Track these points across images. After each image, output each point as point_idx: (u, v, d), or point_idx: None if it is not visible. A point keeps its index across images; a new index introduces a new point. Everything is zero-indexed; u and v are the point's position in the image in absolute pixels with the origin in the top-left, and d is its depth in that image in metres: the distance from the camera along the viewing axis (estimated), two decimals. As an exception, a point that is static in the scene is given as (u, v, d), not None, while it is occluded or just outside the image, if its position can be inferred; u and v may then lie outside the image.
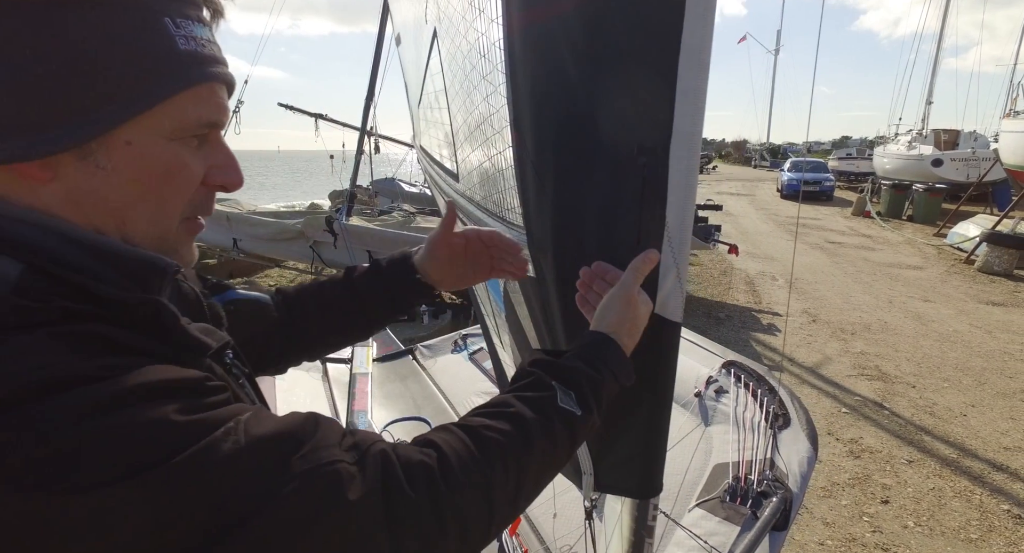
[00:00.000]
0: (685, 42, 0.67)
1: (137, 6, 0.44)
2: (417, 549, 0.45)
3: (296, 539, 0.40)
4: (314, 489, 0.41)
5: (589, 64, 0.75)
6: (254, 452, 0.40)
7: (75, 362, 0.38)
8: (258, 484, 0.39)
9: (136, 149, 0.45)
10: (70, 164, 0.44)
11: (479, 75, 0.99)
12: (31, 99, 0.41)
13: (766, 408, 1.90)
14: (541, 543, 1.64)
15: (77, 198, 0.45)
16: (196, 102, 0.48)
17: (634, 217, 0.75)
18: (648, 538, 0.92)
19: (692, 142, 0.71)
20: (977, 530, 2.81)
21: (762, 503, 1.50)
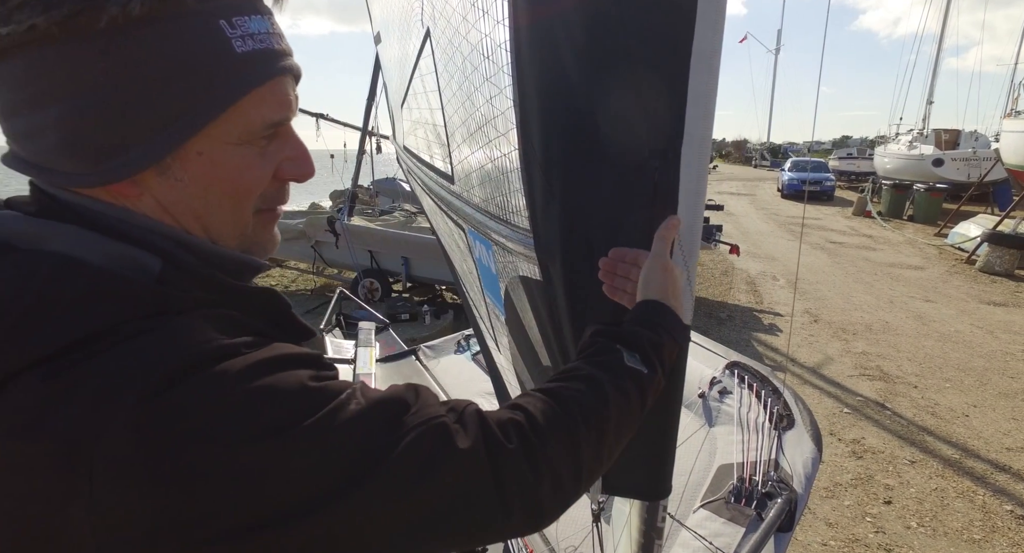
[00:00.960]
0: (696, 47, 0.67)
1: (192, 14, 0.44)
2: (517, 493, 0.48)
3: (416, 485, 0.44)
4: (427, 440, 0.45)
5: (599, 68, 0.75)
6: (374, 411, 0.45)
7: (225, 338, 0.43)
8: (381, 437, 0.44)
9: (207, 158, 0.48)
10: (152, 179, 0.47)
11: (481, 77, 0.99)
12: (110, 125, 0.44)
13: (770, 409, 1.90)
14: (546, 544, 1.64)
15: (165, 207, 0.49)
16: (258, 104, 0.48)
17: (644, 221, 0.75)
18: (657, 539, 0.92)
19: (702, 146, 0.72)
20: (980, 531, 2.81)
21: (767, 504, 1.50)
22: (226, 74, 0.46)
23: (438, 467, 0.45)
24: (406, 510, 0.44)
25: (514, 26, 0.82)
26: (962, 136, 18.46)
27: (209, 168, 0.48)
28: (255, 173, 0.51)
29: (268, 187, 0.53)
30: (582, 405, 0.55)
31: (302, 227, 6.80)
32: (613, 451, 0.59)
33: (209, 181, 0.49)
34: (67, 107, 0.43)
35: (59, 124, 0.43)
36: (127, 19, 0.42)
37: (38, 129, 0.44)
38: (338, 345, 3.01)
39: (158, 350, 0.40)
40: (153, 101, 0.44)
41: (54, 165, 0.45)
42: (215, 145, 0.48)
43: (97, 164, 0.45)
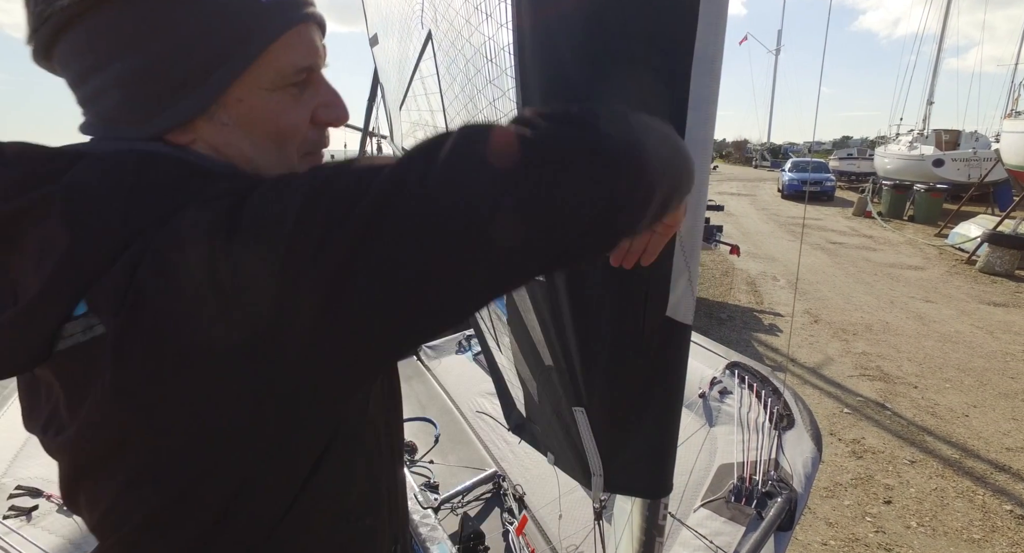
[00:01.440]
0: (698, 51, 0.68)
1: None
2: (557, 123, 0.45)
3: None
4: None
5: (601, 71, 0.76)
6: None
7: None
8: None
9: (246, 104, 0.52)
10: (203, 126, 0.52)
11: (484, 79, 1.00)
12: (161, 77, 0.49)
13: (770, 409, 1.91)
14: (548, 543, 1.65)
15: (217, 150, 0.53)
16: (287, 49, 0.52)
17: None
18: (659, 537, 0.93)
19: (704, 149, 0.73)
20: (980, 530, 2.82)
21: (767, 503, 1.51)
22: (256, 22, 0.50)
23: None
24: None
25: (517, 29, 0.83)
26: (962, 137, 18.45)
27: (249, 112, 0.52)
28: (292, 116, 0.54)
29: (308, 132, 0.57)
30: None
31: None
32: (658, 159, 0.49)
33: (251, 124, 0.53)
34: (123, 65, 0.48)
35: (118, 81, 0.48)
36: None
37: (101, 90, 0.49)
38: (340, 345, 3.02)
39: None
40: (195, 53, 0.49)
41: (119, 120, 0.50)
42: (252, 91, 0.52)
43: (153, 115, 0.50)
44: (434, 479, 1.92)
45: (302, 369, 0.42)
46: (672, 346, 0.79)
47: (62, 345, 0.44)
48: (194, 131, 0.52)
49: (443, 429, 2.23)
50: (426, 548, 1.53)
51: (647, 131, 0.48)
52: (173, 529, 0.48)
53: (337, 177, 0.43)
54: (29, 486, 1.25)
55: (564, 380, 0.95)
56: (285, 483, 0.51)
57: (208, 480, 0.46)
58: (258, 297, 0.39)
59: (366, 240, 0.39)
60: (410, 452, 2.06)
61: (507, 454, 2.05)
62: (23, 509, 1.17)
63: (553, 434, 1.07)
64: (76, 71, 0.50)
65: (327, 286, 0.39)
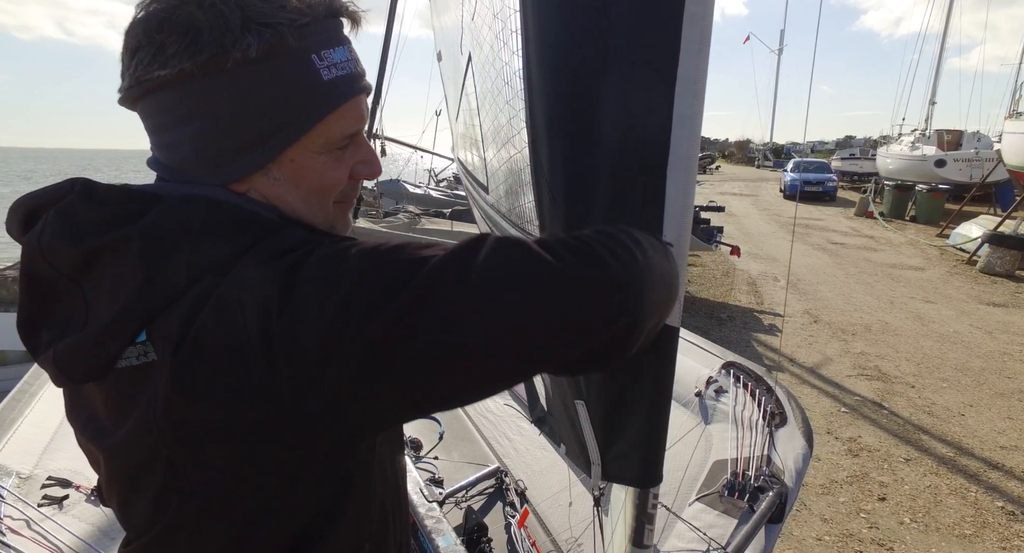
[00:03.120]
0: (680, 74, 0.75)
1: (292, 52, 0.55)
2: (572, 257, 0.52)
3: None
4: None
5: (594, 94, 0.83)
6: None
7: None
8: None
9: (297, 164, 0.60)
10: (258, 179, 0.60)
11: (504, 100, 1.08)
12: (229, 140, 0.57)
13: (764, 407, 1.97)
14: (548, 535, 1.72)
15: (266, 199, 0.61)
16: (339, 120, 0.60)
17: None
18: (648, 525, 0.99)
19: (688, 163, 0.79)
20: (971, 526, 2.88)
21: (759, 497, 1.56)
22: (315, 98, 0.58)
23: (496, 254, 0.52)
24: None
25: (525, 57, 0.90)
26: (964, 137, 18.41)
27: (299, 171, 0.60)
28: (334, 175, 0.63)
29: (345, 185, 0.65)
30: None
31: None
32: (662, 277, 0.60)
33: (299, 180, 0.61)
34: (201, 126, 0.55)
35: (193, 139, 0.56)
36: (246, 60, 0.53)
37: (177, 142, 0.57)
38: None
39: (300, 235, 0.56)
40: (260, 121, 0.56)
41: (186, 169, 0.58)
42: (304, 153, 0.59)
43: (218, 168, 0.58)
44: (439, 474, 1.99)
45: (322, 421, 0.50)
46: (661, 345, 0.86)
47: (119, 364, 0.51)
48: (250, 183, 0.60)
49: (447, 426, 2.30)
50: (431, 540, 1.60)
51: (651, 270, 0.56)
52: (203, 533, 0.55)
53: (387, 265, 0.49)
54: (60, 477, 1.33)
55: (565, 376, 1.02)
56: (303, 504, 0.58)
57: (235, 497, 0.53)
58: (299, 358, 0.46)
59: (400, 326, 0.46)
60: (415, 448, 2.12)
61: (509, 451, 2.12)
62: (55, 498, 1.25)
63: (563, 426, 1.14)
64: (156, 123, 0.58)
65: (358, 359, 0.46)
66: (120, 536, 0.59)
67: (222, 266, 0.51)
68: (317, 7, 0.57)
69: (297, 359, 0.46)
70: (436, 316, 0.46)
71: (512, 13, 0.92)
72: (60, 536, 1.17)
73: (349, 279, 0.48)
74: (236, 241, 0.53)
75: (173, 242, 0.52)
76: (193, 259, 0.51)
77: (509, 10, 0.93)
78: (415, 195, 10.91)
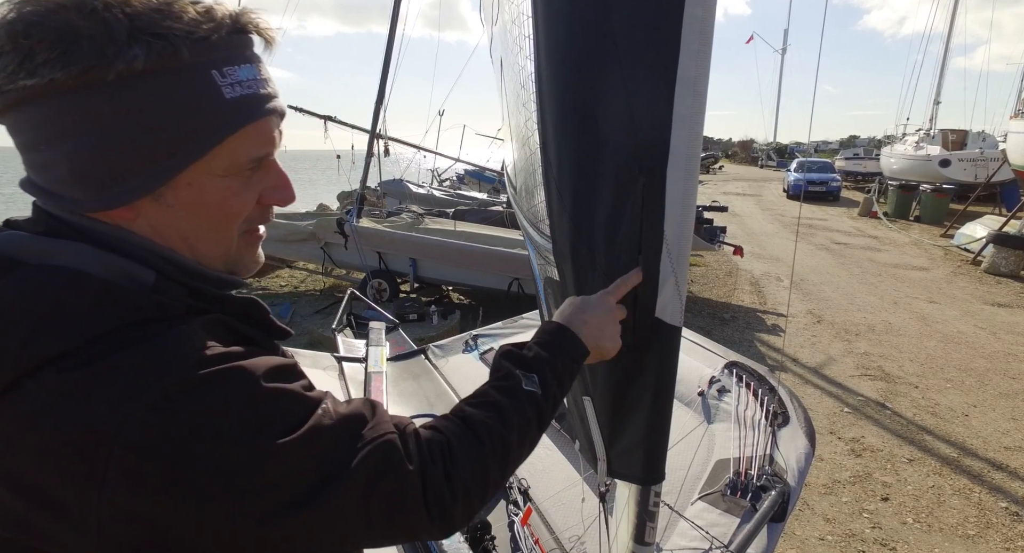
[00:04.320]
0: (680, 75, 0.76)
1: (188, 67, 0.51)
2: (437, 507, 0.56)
3: (368, 488, 0.52)
4: (381, 452, 0.54)
5: (597, 96, 0.84)
6: (342, 425, 0.53)
7: (221, 347, 0.51)
8: (346, 448, 0.52)
9: (195, 188, 0.55)
10: (148, 205, 0.54)
11: (521, 102, 1.10)
12: (113, 160, 0.51)
13: (766, 407, 1.97)
14: (551, 533, 1.72)
15: (156, 229, 0.55)
16: (244, 142, 0.55)
17: (635, 230, 0.84)
18: (650, 523, 1.00)
19: (689, 164, 0.80)
20: (975, 527, 2.87)
21: (761, 496, 1.57)
22: (215, 117, 0.53)
23: (386, 475, 0.53)
24: (357, 513, 0.51)
25: (536, 61, 0.92)
26: (969, 136, 18.33)
27: (198, 196, 0.55)
28: (239, 200, 0.58)
29: (252, 212, 0.60)
30: (490, 431, 0.63)
31: (312, 229, 6.90)
32: (515, 466, 0.68)
33: (197, 207, 0.55)
34: (77, 144, 0.50)
35: (70, 158, 0.50)
36: (132, 73, 0.49)
37: (52, 162, 0.51)
38: (350, 344, 3.10)
39: (166, 357, 0.47)
40: (150, 140, 0.51)
41: (64, 192, 0.52)
42: (203, 176, 0.55)
43: (101, 192, 0.52)
44: (442, 473, 2.00)
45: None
46: (661, 346, 0.87)
47: None
48: (138, 209, 0.54)
49: (450, 425, 2.30)
50: (435, 537, 1.61)
51: (485, 494, 0.61)
52: None
53: (229, 460, 0.46)
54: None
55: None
56: None
57: None
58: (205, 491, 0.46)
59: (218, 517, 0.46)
60: (419, 447, 2.13)
61: (512, 449, 2.13)
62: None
63: (576, 422, 1.16)
64: (27, 140, 0.51)
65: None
66: None
67: (64, 355, 0.45)
68: (221, 20, 0.53)
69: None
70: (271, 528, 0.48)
71: (525, 19, 0.93)
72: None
73: (179, 467, 0.44)
74: (87, 328, 0.47)
75: (9, 325, 0.46)
76: (24, 345, 0.45)
77: (523, 16, 0.95)
78: (418, 195, 10.92)
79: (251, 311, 0.61)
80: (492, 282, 6.17)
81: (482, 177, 14.96)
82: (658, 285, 0.84)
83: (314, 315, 6.25)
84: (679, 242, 0.84)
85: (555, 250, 0.99)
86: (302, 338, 5.52)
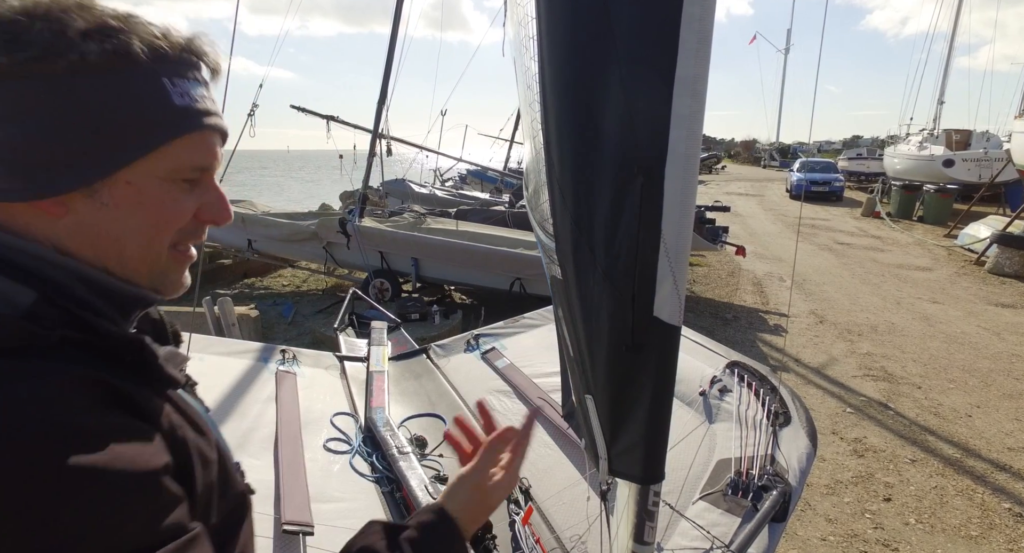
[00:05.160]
0: (679, 74, 0.76)
1: (141, 72, 0.51)
2: None
3: None
4: None
5: (597, 93, 0.84)
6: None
7: (79, 417, 0.43)
8: None
9: (134, 188, 0.53)
10: (80, 201, 0.52)
11: (527, 103, 1.11)
12: (50, 148, 0.49)
13: (767, 406, 1.97)
14: (552, 533, 1.72)
15: (84, 229, 0.53)
16: (189, 149, 0.55)
17: (633, 230, 0.84)
18: (649, 522, 1.00)
19: (687, 164, 0.80)
20: (977, 528, 2.86)
21: (762, 496, 1.57)
22: (162, 118, 0.53)
23: None
24: None
25: (539, 61, 0.92)
26: (973, 136, 18.27)
27: (135, 196, 0.53)
28: (177, 207, 0.56)
29: (187, 225, 0.58)
30: None
31: (314, 228, 6.91)
32: None
33: (133, 208, 0.54)
34: (13, 130, 0.48)
35: (3, 145, 0.48)
36: (84, 65, 0.48)
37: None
38: (352, 344, 3.10)
39: (13, 412, 0.41)
40: (94, 132, 0.50)
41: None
42: (144, 177, 0.53)
43: (30, 181, 0.49)
44: (444, 472, 2.00)
45: None
46: (660, 345, 0.87)
47: None
48: (69, 205, 0.52)
49: (452, 424, 2.31)
50: (436, 537, 1.61)
51: None
52: None
53: None
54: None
55: (579, 370, 1.04)
56: None
57: None
58: None
59: None
60: (421, 446, 2.14)
61: (513, 449, 2.13)
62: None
63: (581, 420, 1.16)
64: None
65: None
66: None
67: None
68: (175, 41, 0.54)
69: None
70: None
71: (531, 20, 0.94)
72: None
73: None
74: None
75: None
76: None
77: (528, 17, 0.96)
78: (420, 195, 10.93)
79: (137, 355, 0.53)
80: (494, 282, 6.17)
81: (484, 177, 14.98)
82: (656, 284, 0.84)
83: (316, 315, 6.26)
84: (677, 242, 0.84)
85: (558, 249, 0.99)
86: (304, 338, 5.53)
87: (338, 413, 2.29)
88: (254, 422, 2.05)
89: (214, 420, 0.64)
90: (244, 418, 2.05)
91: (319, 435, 2.11)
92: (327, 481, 1.87)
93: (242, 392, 2.23)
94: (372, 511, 1.79)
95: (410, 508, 1.78)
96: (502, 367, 2.61)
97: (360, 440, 2.14)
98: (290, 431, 2.05)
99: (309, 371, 2.59)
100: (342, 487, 1.86)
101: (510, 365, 2.61)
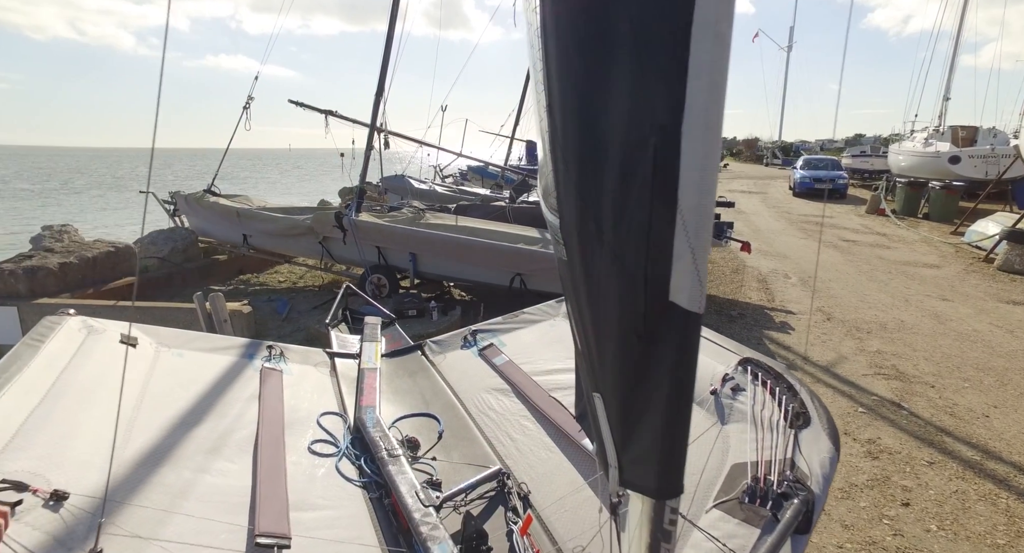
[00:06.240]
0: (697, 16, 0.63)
1: None
2: None
3: None
4: None
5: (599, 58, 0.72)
6: None
7: None
8: None
9: None
10: None
11: (536, 99, 1.00)
12: None
13: (785, 407, 1.84)
14: (553, 544, 1.59)
15: None
16: None
17: (645, 199, 0.71)
18: (665, 543, 0.87)
19: (708, 119, 0.67)
20: (1004, 535, 2.72)
21: (783, 505, 1.44)
22: None
23: None
24: None
25: (544, 58, 0.80)
26: (980, 133, 18.11)
27: None
28: None
29: None
30: None
31: (310, 223, 6.79)
32: None
33: None
34: None
35: None
36: None
37: None
38: (344, 340, 2.98)
39: None
40: None
41: None
42: None
43: None
44: (436, 476, 1.87)
45: None
46: (677, 336, 0.74)
47: None
48: None
49: (447, 425, 2.18)
50: (427, 548, 1.48)
51: None
52: None
53: None
54: (14, 479, 1.21)
55: (586, 365, 0.91)
56: None
57: None
58: None
59: None
60: (413, 448, 2.01)
61: (512, 451, 2.00)
62: (6, 503, 1.13)
63: (591, 422, 1.04)
64: None
65: None
66: (80, 546, 0.47)
67: None
68: None
69: None
70: None
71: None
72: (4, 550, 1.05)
73: None
74: None
75: None
76: None
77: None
78: (420, 191, 10.81)
79: None
80: (494, 278, 6.04)
81: (485, 173, 14.88)
82: (672, 264, 0.70)
83: (312, 311, 6.13)
84: (697, 214, 0.70)
85: (562, 226, 0.87)
86: (298, 334, 5.41)
87: (325, 413, 2.16)
88: (233, 422, 1.91)
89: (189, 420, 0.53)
90: (223, 418, 1.92)
91: (304, 436, 1.98)
92: (310, 487, 1.73)
93: (222, 390, 2.10)
94: (357, 520, 1.65)
95: (399, 516, 1.65)
96: (500, 364, 2.49)
97: (348, 442, 2.01)
98: (272, 432, 1.91)
99: (297, 368, 2.46)
100: (326, 493, 1.73)
101: (509, 362, 2.49)
